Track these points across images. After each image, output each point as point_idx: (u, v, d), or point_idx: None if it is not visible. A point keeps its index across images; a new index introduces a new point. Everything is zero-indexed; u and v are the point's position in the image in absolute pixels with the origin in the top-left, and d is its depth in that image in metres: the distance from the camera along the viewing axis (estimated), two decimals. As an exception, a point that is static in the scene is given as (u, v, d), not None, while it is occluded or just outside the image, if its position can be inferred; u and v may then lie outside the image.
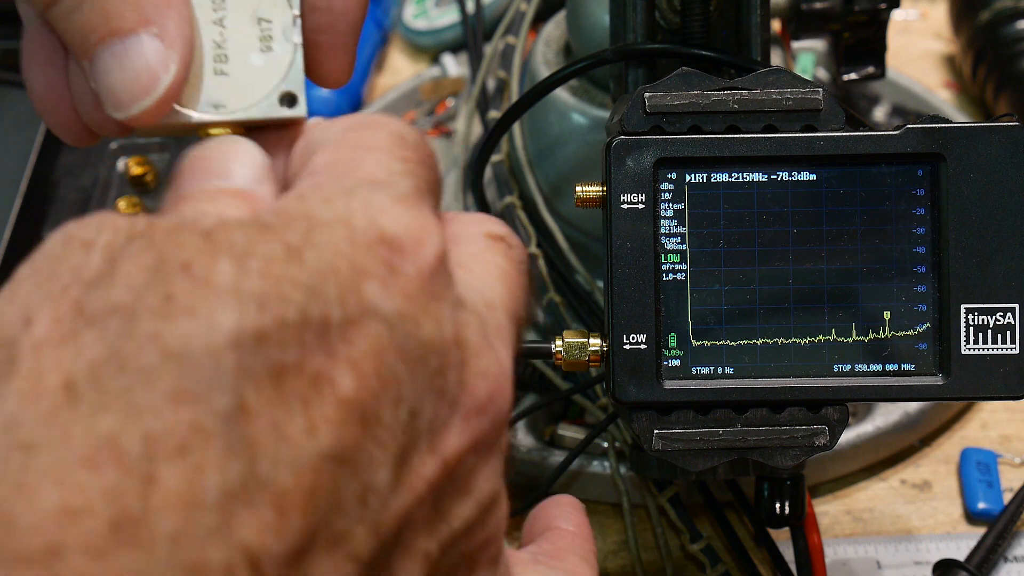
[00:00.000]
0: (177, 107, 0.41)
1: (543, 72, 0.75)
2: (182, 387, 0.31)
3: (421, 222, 0.36)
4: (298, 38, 0.41)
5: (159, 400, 0.30)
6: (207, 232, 0.34)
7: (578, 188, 0.52)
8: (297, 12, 0.42)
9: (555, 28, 0.79)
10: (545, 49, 0.77)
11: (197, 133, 0.42)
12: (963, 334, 0.52)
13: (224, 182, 0.38)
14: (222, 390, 0.31)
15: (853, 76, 0.76)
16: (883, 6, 0.73)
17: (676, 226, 0.52)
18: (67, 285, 0.32)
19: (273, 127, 0.42)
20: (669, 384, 0.52)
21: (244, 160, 0.39)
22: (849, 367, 0.52)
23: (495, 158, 0.78)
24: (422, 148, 0.39)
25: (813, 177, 0.52)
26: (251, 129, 0.42)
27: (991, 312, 0.52)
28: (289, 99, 0.41)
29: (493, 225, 0.42)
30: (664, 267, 0.52)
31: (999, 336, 0.52)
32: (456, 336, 0.36)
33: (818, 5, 0.73)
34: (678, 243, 0.52)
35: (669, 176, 0.52)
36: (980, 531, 0.67)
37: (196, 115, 0.41)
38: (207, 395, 0.31)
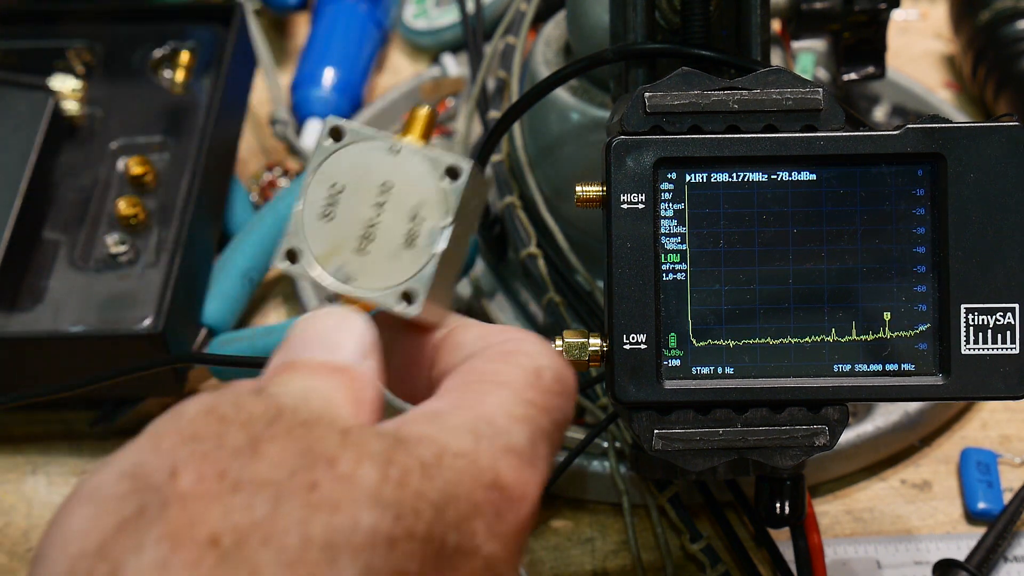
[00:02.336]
0: (316, 268, 0.43)
1: (543, 72, 0.75)
2: (320, 574, 0.34)
3: (530, 477, 0.39)
4: (442, 246, 0.43)
5: None
6: (344, 431, 0.37)
7: (578, 188, 0.52)
8: (450, 221, 0.43)
9: (555, 28, 0.79)
10: (545, 49, 0.77)
11: (330, 296, 0.44)
12: (963, 334, 0.52)
13: (330, 356, 0.41)
14: None
15: (853, 76, 0.76)
16: (883, 6, 0.73)
17: (676, 226, 0.52)
18: (209, 451, 0.36)
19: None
20: (669, 384, 0.52)
21: (353, 335, 0.42)
22: (849, 367, 0.52)
23: (495, 158, 0.78)
24: (555, 388, 0.42)
25: (813, 177, 0.52)
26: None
27: (991, 312, 0.52)
28: (408, 297, 0.43)
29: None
30: (664, 267, 0.52)
31: (999, 336, 0.52)
32: None
33: (818, 5, 0.73)
34: (678, 243, 0.52)
35: (669, 176, 0.52)
36: (980, 531, 0.67)
37: (327, 280, 0.43)
38: None
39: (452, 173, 0.43)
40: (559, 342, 0.53)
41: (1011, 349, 0.52)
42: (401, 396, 0.45)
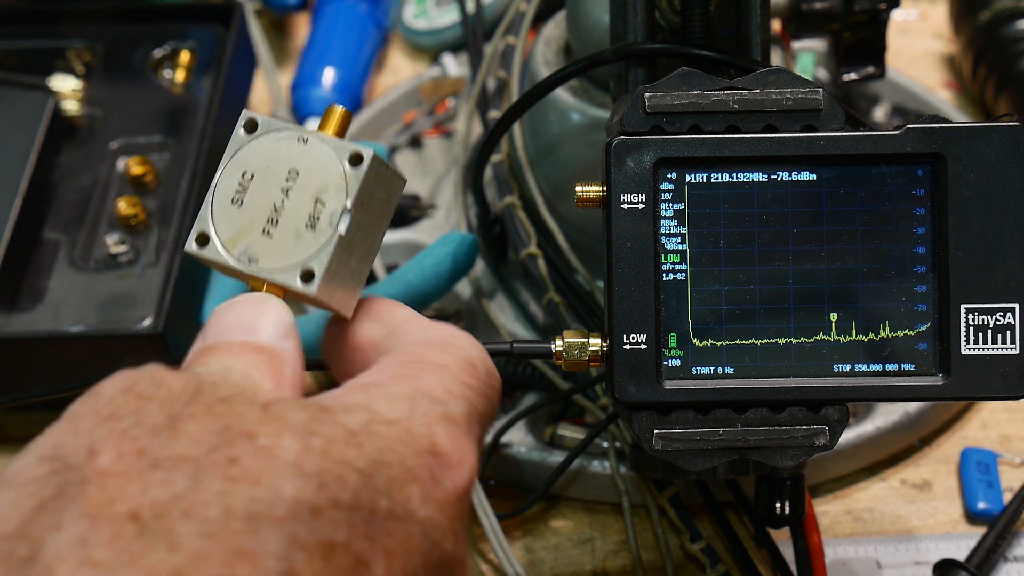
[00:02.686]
0: (221, 250, 0.45)
1: (543, 72, 0.75)
2: (242, 546, 0.34)
3: (467, 446, 0.40)
4: (342, 228, 0.44)
5: (221, 552, 0.33)
6: (265, 405, 0.37)
7: (578, 188, 0.52)
8: (349, 205, 0.44)
9: (555, 28, 0.79)
10: (545, 49, 0.77)
11: (235, 276, 0.46)
12: (963, 334, 0.52)
13: (251, 337, 0.42)
14: (277, 556, 0.34)
15: (853, 76, 0.76)
16: (883, 6, 0.73)
17: (676, 226, 0.52)
18: (127, 429, 0.36)
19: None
20: (669, 384, 0.52)
21: (270, 318, 0.43)
22: (849, 367, 0.52)
23: (495, 158, 0.78)
24: (487, 380, 0.43)
25: (813, 177, 0.52)
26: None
27: (991, 312, 0.52)
28: (307, 276, 0.44)
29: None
30: (664, 267, 0.52)
31: (999, 336, 0.52)
32: (463, 558, 0.39)
33: (818, 5, 0.73)
34: (678, 243, 0.52)
35: (669, 176, 0.52)
36: (980, 531, 0.67)
37: (231, 261, 0.45)
38: (263, 557, 0.34)
39: (355, 160, 0.45)
40: (559, 342, 0.53)
41: (1011, 349, 0.52)
42: (343, 374, 0.46)
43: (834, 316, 0.52)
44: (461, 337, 0.44)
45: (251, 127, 0.46)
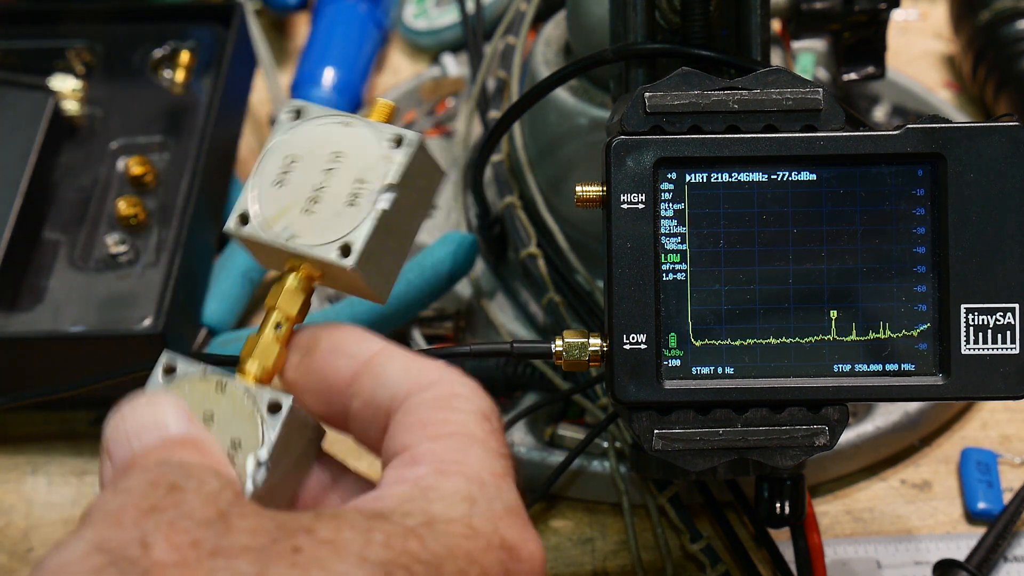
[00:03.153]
0: (261, 229, 0.45)
1: (543, 72, 0.75)
2: None
3: (532, 534, 0.39)
4: (383, 205, 0.44)
5: None
6: (315, 514, 0.37)
7: (578, 188, 0.52)
8: (391, 182, 0.45)
9: (555, 28, 0.79)
10: (545, 49, 0.77)
11: (282, 262, 0.46)
12: (963, 334, 0.52)
13: (165, 432, 0.41)
14: None
15: (853, 76, 0.76)
16: (883, 6, 0.73)
17: (676, 226, 0.52)
18: (174, 520, 0.36)
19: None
20: (669, 384, 0.52)
21: (171, 410, 0.41)
22: (849, 367, 0.52)
23: (495, 158, 0.78)
24: (500, 428, 0.42)
25: (813, 177, 0.52)
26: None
27: (991, 312, 0.52)
28: (345, 249, 0.44)
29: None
30: (664, 267, 0.52)
31: (999, 336, 0.52)
32: None
33: (818, 5, 0.73)
34: (678, 243, 0.52)
35: (669, 176, 0.52)
36: (980, 531, 0.67)
37: (271, 238, 0.45)
38: None
39: (397, 141, 0.45)
40: (559, 342, 0.53)
41: (1011, 349, 0.52)
42: (318, 415, 0.45)
43: (834, 316, 0.52)
44: (454, 383, 0.42)
45: (296, 113, 0.47)
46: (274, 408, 0.43)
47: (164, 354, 0.45)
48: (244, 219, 0.45)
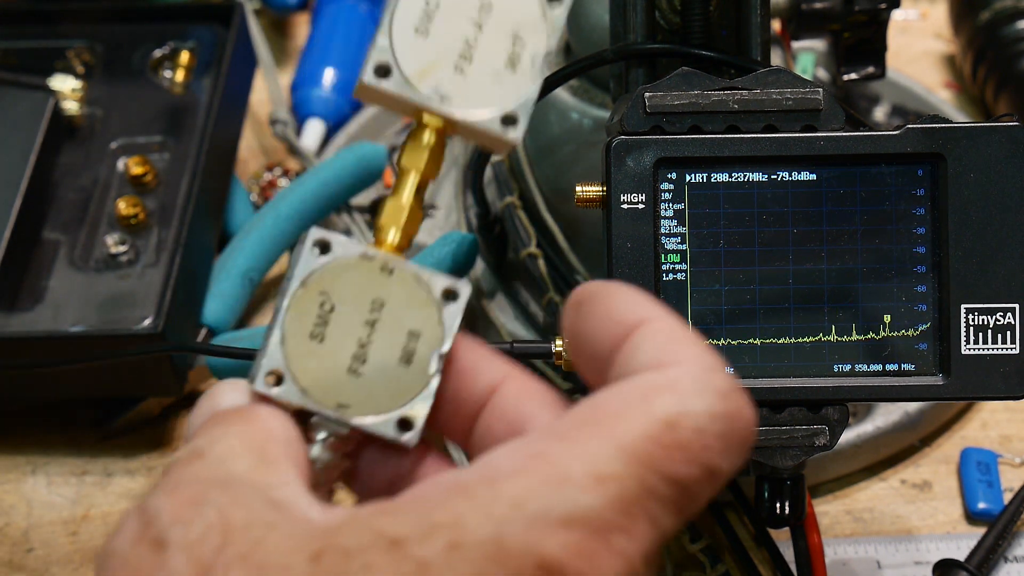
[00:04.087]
0: (406, 85, 0.40)
1: (543, 72, 0.75)
2: None
3: (599, 550, 0.31)
4: (547, 72, 0.40)
5: None
6: (314, 555, 0.31)
7: (578, 188, 0.52)
8: (552, 48, 0.40)
9: (555, 28, 0.78)
10: (545, 49, 0.77)
11: (415, 117, 0.41)
12: (963, 334, 0.52)
13: (214, 406, 0.37)
14: None
15: (853, 76, 0.76)
16: (883, 6, 0.73)
17: (676, 226, 0.52)
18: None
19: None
20: (669, 384, 0.52)
21: (230, 390, 0.38)
22: (849, 367, 0.52)
23: (495, 158, 0.78)
24: (693, 445, 0.33)
25: (813, 177, 0.52)
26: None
27: (991, 312, 0.52)
28: (509, 120, 0.40)
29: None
30: (664, 267, 0.52)
31: (999, 336, 0.52)
32: None
33: (818, 5, 0.73)
34: (678, 243, 0.52)
35: (669, 176, 0.52)
36: (980, 531, 0.67)
37: (420, 98, 0.40)
38: None
39: None
40: (559, 342, 0.53)
41: (1011, 349, 0.52)
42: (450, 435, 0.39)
43: (834, 316, 0.52)
44: (686, 375, 0.33)
45: None
46: (449, 295, 0.40)
47: (313, 230, 0.40)
48: (384, 71, 0.40)
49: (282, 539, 0.31)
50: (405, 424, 0.39)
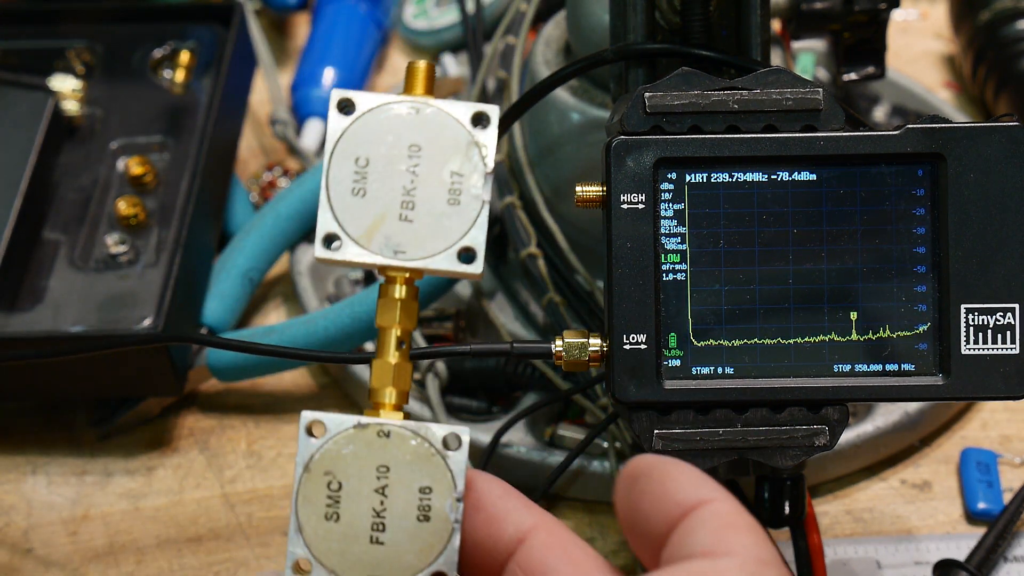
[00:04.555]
0: (357, 249, 0.41)
1: (543, 72, 0.75)
2: None
3: None
4: (487, 195, 0.41)
5: None
6: None
7: (578, 188, 0.52)
8: (489, 170, 0.41)
9: (555, 28, 0.78)
10: (545, 49, 0.77)
11: (379, 272, 0.42)
12: (963, 334, 0.52)
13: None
14: None
15: (853, 76, 0.76)
16: (883, 6, 0.73)
17: (676, 226, 0.52)
18: None
19: None
20: (669, 384, 0.52)
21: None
22: (849, 367, 0.52)
23: (495, 158, 0.78)
24: None
25: (813, 177, 0.52)
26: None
27: (991, 312, 0.52)
28: (465, 256, 0.41)
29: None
30: (664, 267, 0.52)
31: (999, 336, 0.52)
32: None
33: (818, 5, 0.73)
34: (678, 243, 0.52)
35: (669, 176, 0.52)
36: (980, 531, 0.67)
37: (374, 258, 0.41)
38: None
39: (478, 119, 0.41)
40: (559, 342, 0.53)
41: (1011, 349, 0.52)
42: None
43: (834, 316, 0.52)
44: (731, 571, 0.34)
45: (345, 107, 0.42)
46: (451, 443, 0.41)
47: (304, 415, 0.41)
48: (331, 240, 0.41)
49: None
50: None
